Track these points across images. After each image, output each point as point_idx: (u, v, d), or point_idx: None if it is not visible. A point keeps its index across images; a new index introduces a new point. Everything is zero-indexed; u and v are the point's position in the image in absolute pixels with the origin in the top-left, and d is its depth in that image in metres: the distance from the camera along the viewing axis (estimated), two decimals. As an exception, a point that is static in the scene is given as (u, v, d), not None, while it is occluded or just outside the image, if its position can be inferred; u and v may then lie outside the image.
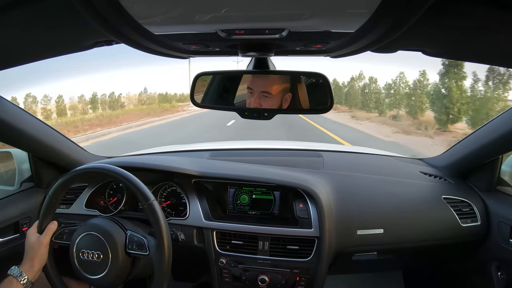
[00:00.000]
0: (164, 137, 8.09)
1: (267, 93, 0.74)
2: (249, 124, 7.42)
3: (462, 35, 0.56)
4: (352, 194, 1.08)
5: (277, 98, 0.74)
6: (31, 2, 0.46)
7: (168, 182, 1.11)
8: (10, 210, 1.07)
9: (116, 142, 8.04)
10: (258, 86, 0.74)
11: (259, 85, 0.74)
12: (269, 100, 0.74)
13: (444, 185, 1.14)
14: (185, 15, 0.45)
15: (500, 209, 1.05)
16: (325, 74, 0.71)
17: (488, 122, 1.03)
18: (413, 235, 1.04)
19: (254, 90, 0.74)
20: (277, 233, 0.98)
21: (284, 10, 0.43)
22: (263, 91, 0.74)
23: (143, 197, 0.82)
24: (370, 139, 8.36)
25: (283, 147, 1.61)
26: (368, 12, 0.40)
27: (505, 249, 1.00)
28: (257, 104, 0.74)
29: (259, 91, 0.74)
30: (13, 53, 0.69)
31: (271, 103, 0.74)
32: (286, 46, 0.64)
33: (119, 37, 0.49)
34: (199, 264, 1.08)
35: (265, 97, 0.74)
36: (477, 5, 0.43)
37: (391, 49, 0.67)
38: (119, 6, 0.38)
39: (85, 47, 0.68)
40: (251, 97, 0.75)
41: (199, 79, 0.77)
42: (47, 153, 1.15)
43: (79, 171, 0.88)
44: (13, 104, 0.96)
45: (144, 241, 0.83)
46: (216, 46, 0.65)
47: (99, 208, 1.11)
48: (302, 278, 0.97)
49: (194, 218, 1.03)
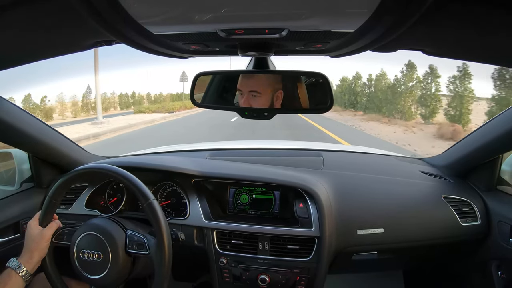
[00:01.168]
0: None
1: (255, 92, 0.75)
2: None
3: (462, 35, 0.56)
4: (352, 193, 1.08)
5: (266, 96, 0.74)
6: (31, 2, 0.46)
7: (168, 182, 1.11)
8: (10, 210, 1.07)
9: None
10: (245, 86, 0.75)
11: (246, 85, 0.75)
12: (258, 99, 0.75)
13: (444, 185, 1.14)
14: (185, 15, 0.45)
15: (500, 208, 1.05)
16: (325, 74, 0.71)
17: (488, 122, 1.03)
18: (413, 235, 1.04)
19: (243, 90, 0.76)
20: (277, 232, 0.98)
21: (284, 9, 0.43)
22: (251, 90, 0.75)
23: (142, 197, 0.82)
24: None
25: (283, 147, 1.61)
26: (368, 11, 0.40)
27: (505, 248, 1.00)
28: (246, 104, 0.75)
29: (247, 91, 0.75)
30: (13, 53, 0.69)
31: (261, 102, 0.74)
32: (286, 45, 0.65)
33: (119, 37, 0.49)
34: (199, 264, 1.08)
35: (254, 96, 0.75)
36: (477, 4, 0.43)
37: (391, 48, 0.67)
38: (119, 6, 0.38)
39: (85, 47, 0.68)
40: (241, 99, 0.76)
41: (199, 79, 0.78)
42: (47, 153, 1.15)
43: (79, 171, 0.88)
44: (13, 104, 0.96)
45: (144, 241, 0.83)
46: (216, 46, 0.65)
47: (99, 208, 1.11)
48: (302, 277, 0.97)
49: (194, 218, 1.03)
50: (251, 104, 0.75)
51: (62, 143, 1.19)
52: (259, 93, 0.74)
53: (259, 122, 6.06)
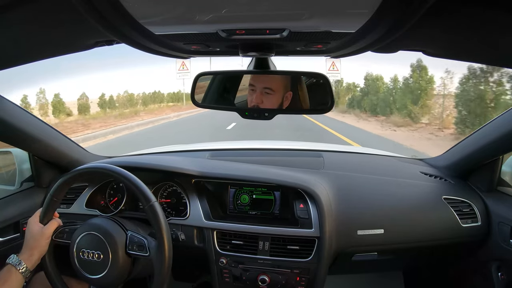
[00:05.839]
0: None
1: (269, 89, 0.74)
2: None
3: (463, 35, 0.56)
4: (352, 194, 1.08)
5: (278, 95, 0.74)
6: (31, 2, 0.46)
7: (169, 182, 1.11)
8: (11, 209, 1.07)
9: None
10: (260, 82, 0.74)
11: (261, 81, 0.74)
12: (271, 97, 0.74)
13: (444, 186, 1.14)
14: (185, 15, 0.45)
15: (501, 209, 1.05)
16: (325, 74, 0.71)
17: (489, 123, 1.03)
18: (414, 236, 1.04)
19: (256, 86, 0.74)
20: (277, 233, 0.98)
21: (285, 10, 0.43)
22: (265, 87, 0.74)
23: (144, 198, 0.81)
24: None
25: (284, 147, 1.61)
26: (368, 12, 0.40)
27: (505, 249, 1.00)
28: (259, 101, 0.74)
29: (261, 87, 0.74)
30: (13, 53, 0.69)
31: (273, 100, 0.74)
32: (286, 46, 0.65)
33: (119, 37, 0.49)
34: (199, 264, 1.08)
35: (267, 93, 0.74)
36: (477, 5, 0.43)
37: (391, 49, 0.67)
38: (119, 6, 0.38)
39: (86, 47, 0.68)
40: (252, 94, 0.74)
41: (200, 79, 0.77)
42: (48, 152, 1.15)
43: (79, 170, 0.88)
44: (13, 103, 0.96)
45: (144, 242, 0.83)
46: (216, 46, 0.65)
47: (100, 208, 1.11)
48: (302, 278, 0.97)
49: (194, 218, 1.03)
50: (263, 100, 0.73)
51: (62, 143, 1.19)
52: (273, 90, 0.73)
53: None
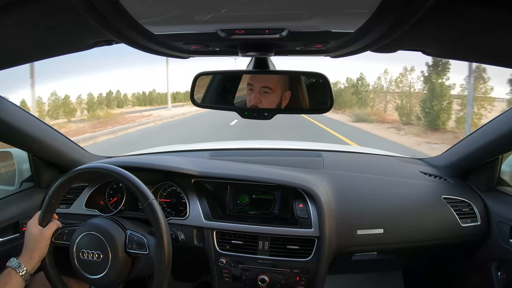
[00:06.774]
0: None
1: (268, 88, 0.74)
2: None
3: (463, 35, 0.56)
4: (352, 194, 1.08)
5: (277, 94, 0.74)
6: (31, 2, 0.46)
7: (168, 182, 1.11)
8: (10, 210, 1.07)
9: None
10: (258, 81, 0.74)
11: (259, 80, 0.74)
12: (269, 96, 0.74)
13: (444, 185, 1.14)
14: (185, 15, 0.45)
15: (500, 209, 1.05)
16: (325, 74, 0.71)
17: (488, 122, 1.03)
18: (413, 235, 1.04)
19: (255, 85, 0.74)
20: (277, 233, 0.98)
21: (284, 10, 0.43)
22: (263, 86, 0.74)
23: (142, 196, 0.82)
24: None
25: (283, 147, 1.61)
26: (368, 12, 0.40)
27: (505, 249, 1.00)
28: (257, 100, 0.74)
29: (260, 86, 0.74)
30: (13, 53, 0.69)
31: (271, 100, 0.74)
32: (286, 46, 0.64)
33: (119, 37, 0.49)
34: (199, 264, 1.08)
35: (265, 92, 0.74)
36: (477, 5, 0.43)
37: (391, 49, 0.67)
38: (119, 6, 0.38)
39: (85, 47, 0.68)
40: (251, 94, 0.74)
41: (199, 79, 0.77)
42: (47, 153, 1.15)
43: (79, 171, 0.88)
44: (13, 104, 0.96)
45: (143, 240, 0.83)
46: (216, 46, 0.65)
47: (99, 208, 1.11)
48: (302, 278, 0.97)
49: (194, 218, 1.03)
50: (262, 100, 0.73)
51: (62, 143, 1.19)
52: (271, 90, 0.73)
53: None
